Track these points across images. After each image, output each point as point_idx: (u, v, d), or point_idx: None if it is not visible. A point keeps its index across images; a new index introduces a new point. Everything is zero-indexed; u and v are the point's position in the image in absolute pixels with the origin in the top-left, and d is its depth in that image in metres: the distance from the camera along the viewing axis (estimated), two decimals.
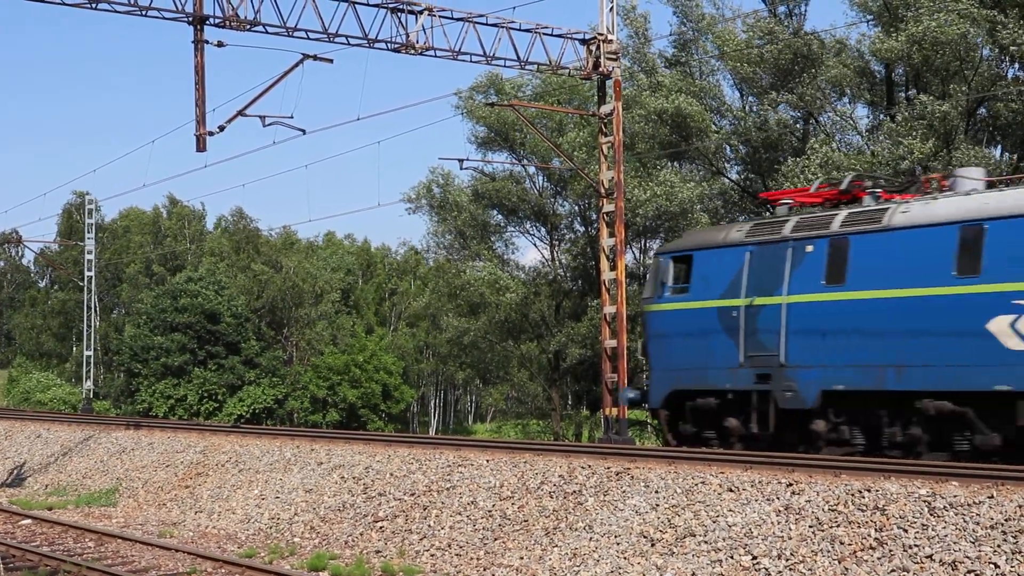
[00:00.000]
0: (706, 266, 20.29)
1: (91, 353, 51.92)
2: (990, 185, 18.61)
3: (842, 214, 18.53)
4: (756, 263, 19.38)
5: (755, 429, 19.04)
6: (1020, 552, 11.24)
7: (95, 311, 54.76)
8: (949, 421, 16.72)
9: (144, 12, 22.25)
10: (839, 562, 12.23)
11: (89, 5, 21.92)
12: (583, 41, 26.51)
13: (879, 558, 12.02)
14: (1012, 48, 29.49)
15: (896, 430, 17.33)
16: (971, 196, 17.26)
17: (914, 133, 29.86)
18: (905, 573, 11.65)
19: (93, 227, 52.84)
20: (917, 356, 16.92)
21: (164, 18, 22.55)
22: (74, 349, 73.85)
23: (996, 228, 16.11)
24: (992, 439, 16.13)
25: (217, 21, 22.72)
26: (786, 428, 18.64)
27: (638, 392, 22.11)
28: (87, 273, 52.17)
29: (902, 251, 17.27)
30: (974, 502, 12.24)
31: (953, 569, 11.39)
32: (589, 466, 16.66)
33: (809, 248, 18.55)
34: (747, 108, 38.63)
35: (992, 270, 16.03)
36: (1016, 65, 31.75)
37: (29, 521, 21.29)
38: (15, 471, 28.63)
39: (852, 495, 13.21)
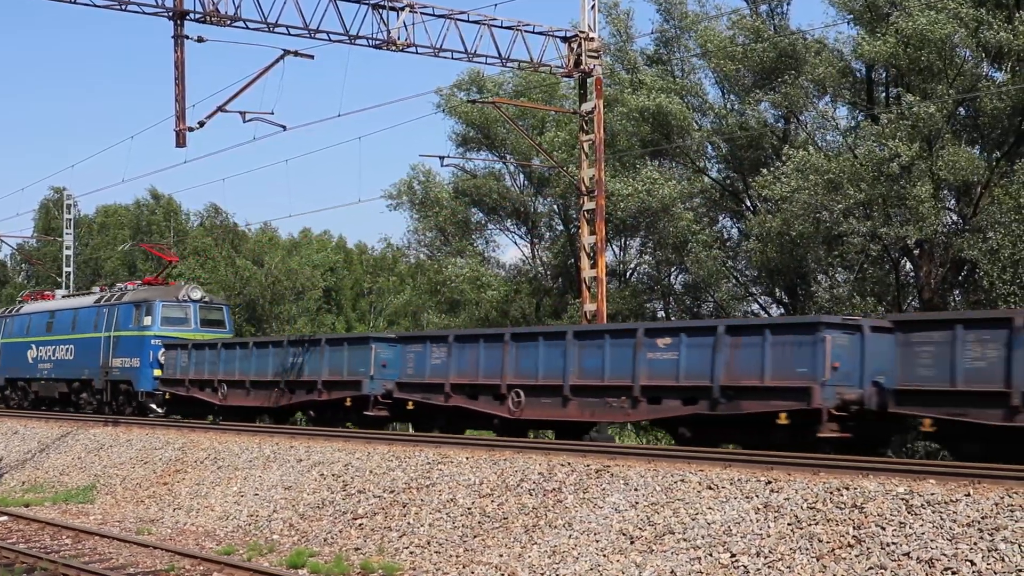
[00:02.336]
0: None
1: None
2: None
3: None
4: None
5: None
6: (996, 550, 11.30)
7: None
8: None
9: (124, 7, 22.14)
10: (817, 560, 12.28)
11: (69, 0, 21.78)
12: (565, 39, 26.52)
13: (857, 556, 12.07)
14: (993, 42, 29.61)
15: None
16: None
17: (899, 135, 29.94)
18: (883, 571, 11.70)
19: (72, 223, 52.58)
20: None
21: (144, 12, 22.47)
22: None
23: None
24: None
25: (197, 16, 22.63)
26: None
27: None
28: (65, 269, 51.91)
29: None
30: (951, 500, 12.31)
31: (930, 567, 11.45)
32: (568, 464, 16.67)
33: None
34: (728, 107, 38.71)
35: (32, 332, 37.02)
36: (998, 65, 31.90)
37: (5, 518, 21.17)
38: None
39: (830, 493, 13.26)
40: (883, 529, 12.26)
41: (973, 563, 11.25)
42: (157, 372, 31.20)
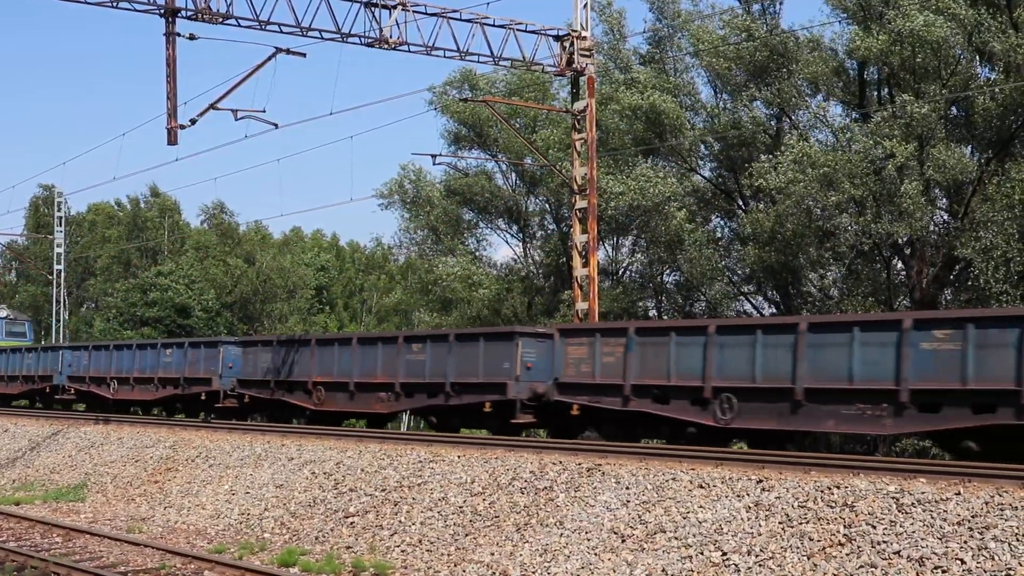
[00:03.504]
0: None
1: None
2: None
3: None
4: None
5: None
6: (986, 548, 11.33)
7: (64, 305, 54.32)
8: None
9: (115, 4, 22.10)
10: (808, 558, 12.29)
11: None
12: (557, 37, 26.52)
13: (848, 554, 12.09)
14: (990, 47, 29.62)
15: None
16: None
17: (894, 133, 29.95)
18: (873, 569, 11.72)
19: (62, 220, 52.49)
20: None
21: (136, 10, 22.43)
22: (43, 343, 73.08)
23: None
24: None
25: (189, 14, 22.60)
26: None
27: None
28: (56, 267, 51.80)
29: None
30: (942, 499, 12.33)
31: (920, 565, 11.47)
32: (560, 462, 16.67)
33: None
34: (721, 105, 38.70)
35: None
36: (991, 66, 31.94)
37: None
38: None
39: (821, 492, 13.28)
40: (874, 528, 12.28)
41: (963, 561, 11.27)
42: None
